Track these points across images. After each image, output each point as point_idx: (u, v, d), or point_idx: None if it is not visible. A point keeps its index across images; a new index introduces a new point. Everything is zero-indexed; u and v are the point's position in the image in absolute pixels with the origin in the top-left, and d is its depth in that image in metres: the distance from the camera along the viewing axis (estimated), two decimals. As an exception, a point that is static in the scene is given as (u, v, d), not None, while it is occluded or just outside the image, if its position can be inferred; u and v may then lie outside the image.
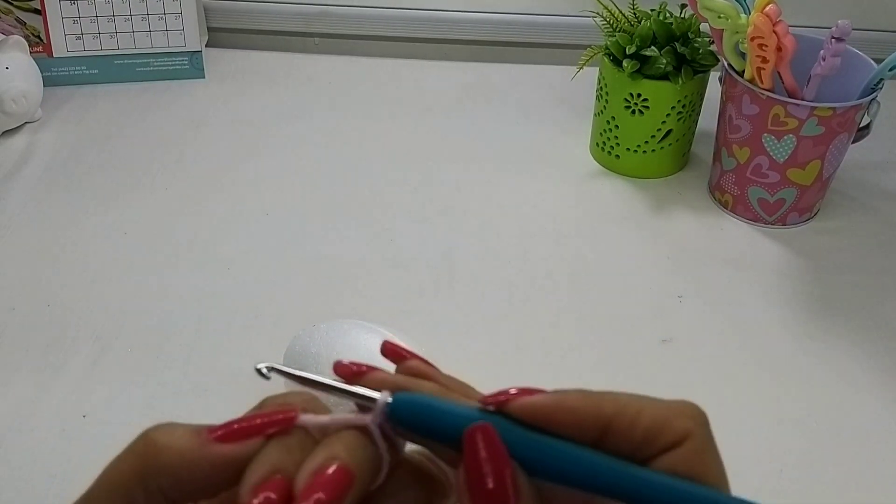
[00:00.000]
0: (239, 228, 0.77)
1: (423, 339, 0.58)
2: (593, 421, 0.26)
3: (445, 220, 0.79)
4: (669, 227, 0.80)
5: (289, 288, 0.71)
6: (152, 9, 0.94)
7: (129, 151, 0.86)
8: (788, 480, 0.58)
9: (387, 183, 0.83)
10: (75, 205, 0.79)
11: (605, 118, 0.84)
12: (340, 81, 0.98)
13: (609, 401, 0.26)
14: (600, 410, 0.26)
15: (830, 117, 0.72)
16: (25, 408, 0.60)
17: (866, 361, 0.67)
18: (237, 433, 0.26)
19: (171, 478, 0.25)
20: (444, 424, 0.27)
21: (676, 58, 0.79)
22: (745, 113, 0.76)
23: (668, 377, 0.65)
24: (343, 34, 1.02)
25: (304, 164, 0.85)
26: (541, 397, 0.26)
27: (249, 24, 1.02)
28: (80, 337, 0.66)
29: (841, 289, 0.74)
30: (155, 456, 0.26)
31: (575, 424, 0.26)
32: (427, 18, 1.01)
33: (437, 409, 0.27)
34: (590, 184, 0.85)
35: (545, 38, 1.02)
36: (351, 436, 0.26)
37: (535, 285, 0.72)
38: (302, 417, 0.26)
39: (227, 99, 0.95)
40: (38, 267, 0.72)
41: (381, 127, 0.91)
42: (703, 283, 0.74)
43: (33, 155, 0.85)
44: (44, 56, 0.93)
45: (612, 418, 0.26)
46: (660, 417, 0.26)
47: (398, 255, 0.75)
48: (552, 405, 0.26)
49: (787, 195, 0.78)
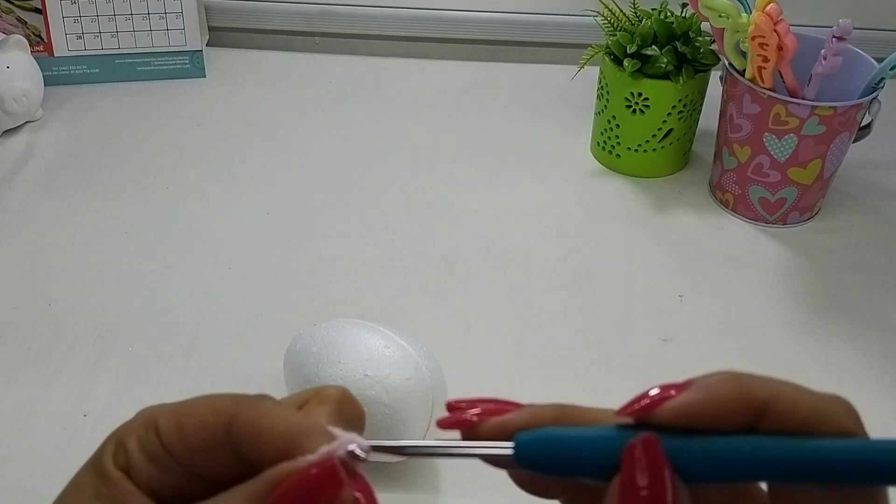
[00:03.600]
0: (239, 228, 0.77)
1: (423, 339, 0.58)
2: (745, 408, 0.24)
3: (446, 220, 0.79)
4: (670, 226, 0.80)
5: (289, 287, 0.71)
6: (153, 8, 0.94)
7: (130, 151, 0.86)
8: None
9: (387, 182, 0.83)
10: (76, 204, 0.79)
11: (606, 117, 0.84)
12: (341, 81, 0.98)
13: (761, 386, 0.24)
14: (753, 397, 0.24)
15: (831, 116, 0.72)
16: (26, 407, 0.60)
17: (867, 361, 0.67)
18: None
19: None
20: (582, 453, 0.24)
21: (677, 57, 0.79)
22: (746, 112, 0.75)
23: (668, 376, 0.65)
24: (344, 33, 1.02)
25: (304, 164, 0.85)
26: (688, 397, 0.24)
27: (250, 24, 1.02)
28: (80, 336, 0.66)
29: (842, 288, 0.74)
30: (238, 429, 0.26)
31: (727, 416, 0.24)
32: (428, 18, 1.01)
33: (570, 438, 0.24)
34: (590, 183, 0.85)
35: (546, 37, 1.02)
36: None
37: (535, 285, 0.72)
38: None
39: (228, 98, 0.95)
40: (38, 267, 0.72)
41: (382, 126, 0.91)
42: (704, 282, 0.74)
43: (34, 154, 0.85)
44: (44, 55, 0.93)
45: (766, 404, 0.24)
46: (820, 409, 0.24)
47: (398, 255, 0.75)
48: (702, 402, 0.24)
49: (788, 194, 0.78)
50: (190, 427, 0.26)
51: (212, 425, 0.26)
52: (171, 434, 0.26)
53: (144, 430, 0.27)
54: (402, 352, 0.54)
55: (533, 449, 0.24)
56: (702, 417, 0.24)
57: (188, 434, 0.26)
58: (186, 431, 0.26)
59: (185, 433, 0.26)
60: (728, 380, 0.24)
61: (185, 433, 0.26)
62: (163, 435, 0.26)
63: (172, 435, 0.26)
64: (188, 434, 0.26)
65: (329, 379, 0.53)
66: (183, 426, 0.26)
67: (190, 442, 0.26)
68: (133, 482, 0.26)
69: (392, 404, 0.52)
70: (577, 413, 0.26)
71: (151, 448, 0.26)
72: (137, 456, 0.26)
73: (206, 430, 0.26)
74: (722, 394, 0.24)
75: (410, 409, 0.52)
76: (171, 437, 0.26)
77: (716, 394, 0.24)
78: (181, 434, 0.26)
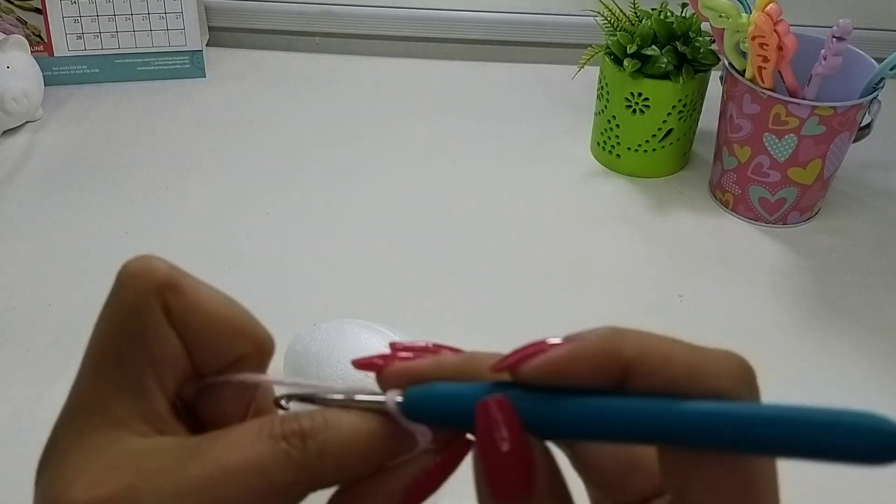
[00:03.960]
0: (239, 228, 0.77)
1: (423, 338, 0.58)
2: (611, 366, 0.23)
3: (446, 220, 0.79)
4: (670, 226, 0.80)
5: (289, 287, 0.71)
6: (153, 8, 0.94)
7: (130, 151, 0.86)
8: (789, 479, 0.58)
9: (387, 182, 0.83)
10: (76, 204, 0.79)
11: (606, 117, 0.84)
12: (341, 81, 0.98)
13: (632, 343, 0.23)
14: (619, 354, 0.23)
15: (831, 116, 0.72)
16: (26, 407, 0.61)
17: (867, 361, 0.67)
18: None
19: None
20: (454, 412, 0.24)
21: (677, 57, 0.79)
22: (746, 112, 0.75)
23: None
24: (344, 33, 1.02)
25: (304, 164, 0.85)
26: (553, 353, 0.23)
27: (250, 24, 1.02)
28: (81, 336, 0.66)
29: (842, 288, 0.74)
30: None
31: (594, 374, 0.23)
32: (428, 17, 1.01)
33: (444, 395, 0.25)
34: (590, 183, 0.85)
35: (546, 37, 1.02)
36: None
37: (535, 284, 0.72)
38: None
39: (228, 98, 0.95)
40: (38, 267, 0.72)
41: (382, 126, 0.91)
42: (704, 282, 0.74)
43: (34, 154, 0.85)
44: (44, 55, 0.93)
45: (633, 361, 0.23)
46: (693, 368, 0.23)
47: (399, 255, 0.75)
48: (568, 359, 0.23)
49: (788, 194, 0.78)
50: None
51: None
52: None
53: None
54: (402, 352, 0.54)
55: (417, 402, 0.25)
56: (568, 375, 0.23)
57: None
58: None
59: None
60: (599, 336, 0.23)
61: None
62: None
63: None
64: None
65: (329, 379, 0.53)
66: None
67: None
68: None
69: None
70: (476, 366, 0.26)
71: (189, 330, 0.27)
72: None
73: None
74: (588, 351, 0.23)
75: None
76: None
77: (582, 351, 0.23)
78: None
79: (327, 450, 0.24)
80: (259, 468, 0.23)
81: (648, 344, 0.23)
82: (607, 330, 0.24)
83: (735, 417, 0.22)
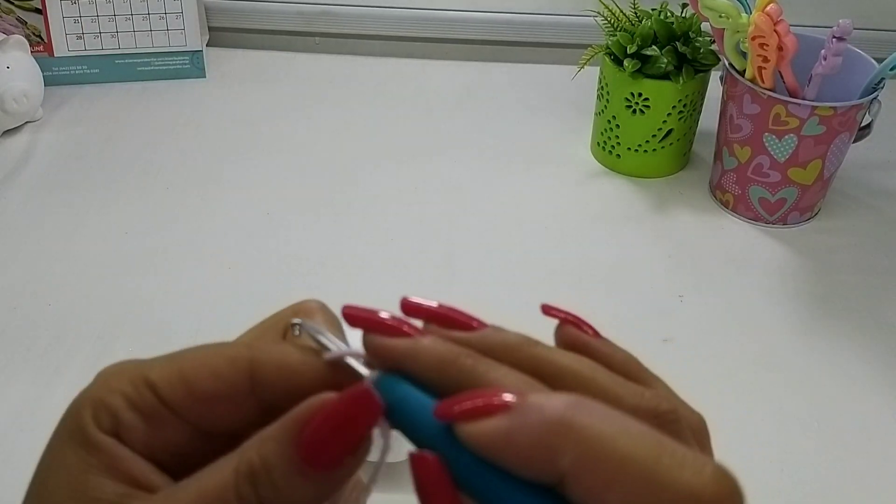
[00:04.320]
0: (239, 228, 0.77)
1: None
2: (543, 467, 0.21)
3: (446, 220, 0.79)
4: (670, 226, 0.80)
5: (289, 287, 0.71)
6: (153, 8, 0.94)
7: (130, 151, 0.86)
8: (789, 479, 0.58)
9: (387, 182, 0.83)
10: (76, 204, 0.79)
11: (606, 117, 0.84)
12: (341, 81, 0.98)
13: (576, 443, 0.20)
14: (554, 456, 0.21)
15: (831, 117, 0.72)
16: (26, 407, 0.61)
17: (867, 361, 0.67)
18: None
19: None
20: (414, 427, 0.24)
21: (677, 57, 0.79)
22: (746, 112, 0.75)
23: (668, 377, 0.65)
24: (344, 33, 1.02)
25: (304, 164, 0.85)
26: (489, 427, 0.21)
27: (250, 24, 1.02)
28: (80, 336, 0.66)
29: (842, 288, 0.74)
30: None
31: (528, 465, 0.21)
32: (428, 18, 1.01)
33: (410, 409, 0.24)
34: (590, 183, 0.85)
35: (546, 37, 1.02)
36: None
37: (535, 285, 0.72)
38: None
39: (228, 98, 0.95)
40: (38, 267, 0.72)
41: (382, 126, 0.91)
42: (704, 282, 0.74)
43: (34, 154, 0.85)
44: (45, 55, 0.93)
45: (566, 473, 0.20)
46: (652, 482, 0.19)
47: (398, 255, 0.75)
48: (503, 439, 0.21)
49: (788, 194, 0.78)
50: (200, 379, 0.25)
51: (228, 373, 0.25)
52: (175, 387, 0.25)
53: (133, 387, 0.25)
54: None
55: (384, 395, 0.24)
56: (503, 458, 0.21)
57: (199, 386, 0.25)
58: (196, 384, 0.25)
59: (193, 385, 0.25)
60: (545, 420, 0.21)
61: (193, 385, 0.25)
62: (162, 390, 0.25)
63: (176, 388, 0.25)
64: (199, 386, 0.25)
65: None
66: (190, 378, 0.25)
67: (201, 393, 0.25)
68: (125, 444, 0.24)
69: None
70: (460, 367, 0.24)
71: (146, 404, 0.25)
72: (128, 414, 0.25)
73: (221, 380, 0.25)
74: (525, 438, 0.21)
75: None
76: (174, 390, 0.25)
77: (519, 435, 0.21)
78: (188, 387, 0.25)
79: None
80: None
81: (599, 445, 0.20)
82: (562, 406, 0.21)
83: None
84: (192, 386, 0.25)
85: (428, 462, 0.22)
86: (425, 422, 0.23)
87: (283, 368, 0.25)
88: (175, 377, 0.25)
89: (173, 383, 0.25)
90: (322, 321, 0.27)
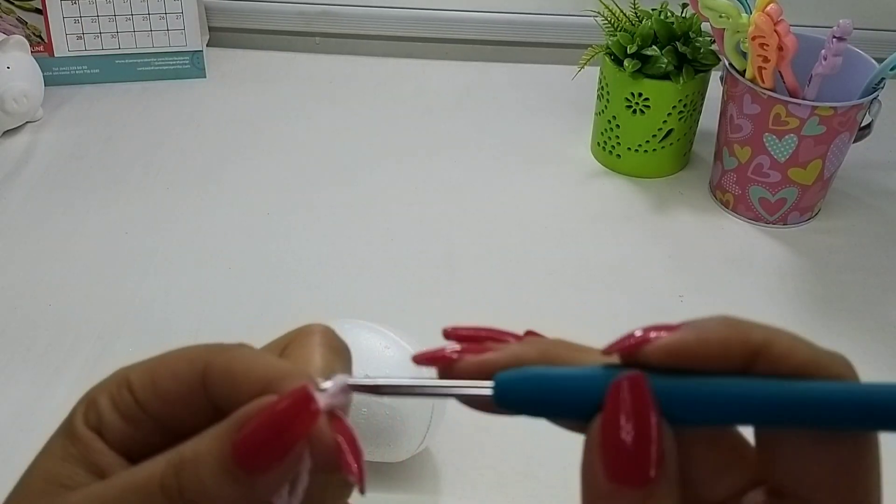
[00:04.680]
0: (239, 228, 0.77)
1: (423, 339, 0.58)
2: (739, 350, 0.23)
3: (446, 220, 0.79)
4: (670, 226, 0.80)
5: (289, 287, 0.71)
6: (153, 8, 0.94)
7: (130, 151, 0.86)
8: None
9: (387, 182, 0.83)
10: (76, 204, 0.79)
11: (606, 118, 0.84)
12: (341, 81, 0.98)
13: (757, 330, 0.23)
14: (748, 339, 0.23)
15: (832, 117, 0.72)
16: (26, 407, 0.61)
17: (867, 361, 0.67)
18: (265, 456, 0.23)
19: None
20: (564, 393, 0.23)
21: (677, 57, 0.79)
22: (747, 112, 0.75)
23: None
24: (344, 33, 1.02)
25: (304, 164, 0.85)
26: (678, 335, 0.23)
27: (250, 24, 1.02)
28: (81, 336, 0.66)
29: (842, 288, 0.74)
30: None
31: (720, 358, 0.23)
32: (428, 18, 1.01)
33: (552, 377, 0.23)
34: (591, 183, 0.85)
35: (546, 37, 1.02)
36: None
37: (535, 285, 0.72)
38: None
39: (228, 98, 0.95)
40: (38, 267, 0.72)
41: (382, 126, 0.91)
42: (705, 282, 0.74)
43: (34, 155, 0.85)
44: (45, 56, 0.93)
45: (761, 347, 0.23)
46: (816, 358, 0.23)
47: (399, 255, 0.75)
48: (694, 341, 0.23)
49: (789, 195, 0.78)
50: (163, 379, 0.26)
51: (186, 375, 0.25)
52: (146, 388, 0.25)
53: (117, 388, 0.26)
54: (402, 352, 0.54)
55: (512, 389, 0.23)
56: (693, 358, 0.23)
57: (162, 386, 0.25)
58: (160, 384, 0.25)
59: (158, 386, 0.25)
60: (723, 322, 0.24)
61: (158, 386, 0.25)
62: (136, 390, 0.26)
63: (147, 389, 0.25)
64: (162, 386, 0.25)
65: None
66: (156, 379, 0.26)
67: (164, 394, 0.25)
68: (105, 441, 0.25)
69: (392, 405, 0.52)
70: (562, 353, 0.25)
71: (125, 405, 0.26)
72: (110, 414, 0.26)
73: (179, 381, 0.25)
74: (715, 335, 0.23)
75: (410, 409, 0.52)
76: (145, 391, 0.25)
77: (709, 334, 0.23)
78: (155, 387, 0.25)
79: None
80: None
81: (774, 333, 0.23)
82: (726, 316, 0.24)
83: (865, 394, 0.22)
84: (157, 387, 0.26)
85: (638, 379, 0.22)
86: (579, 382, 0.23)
87: (228, 371, 0.25)
88: (147, 378, 0.26)
89: (145, 384, 0.26)
90: (318, 343, 0.27)
